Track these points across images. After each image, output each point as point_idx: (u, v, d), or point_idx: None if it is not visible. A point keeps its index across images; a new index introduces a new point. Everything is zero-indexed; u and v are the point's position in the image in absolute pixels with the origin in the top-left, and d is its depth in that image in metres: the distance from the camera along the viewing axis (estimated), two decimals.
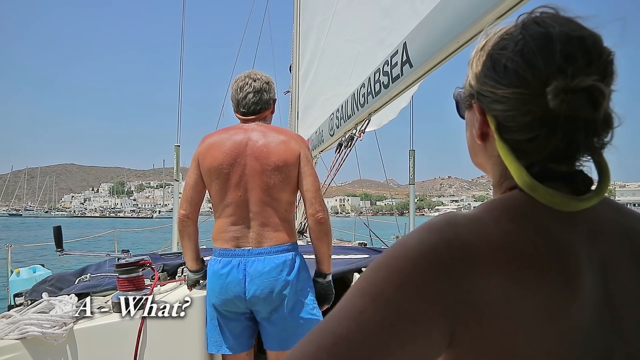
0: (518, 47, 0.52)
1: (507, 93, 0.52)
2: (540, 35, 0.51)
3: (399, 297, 0.46)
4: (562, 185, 0.53)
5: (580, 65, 0.49)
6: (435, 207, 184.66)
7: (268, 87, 1.92)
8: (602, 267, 0.52)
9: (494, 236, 0.49)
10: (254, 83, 1.88)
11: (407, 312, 0.45)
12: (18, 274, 4.11)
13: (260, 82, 1.90)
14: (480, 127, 0.58)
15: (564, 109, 0.48)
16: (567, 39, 0.50)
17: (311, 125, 4.66)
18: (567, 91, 0.48)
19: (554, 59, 0.49)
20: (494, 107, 0.54)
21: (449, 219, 0.51)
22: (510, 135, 0.54)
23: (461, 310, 0.46)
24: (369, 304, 0.46)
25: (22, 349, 1.64)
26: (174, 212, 5.02)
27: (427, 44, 1.89)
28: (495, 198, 0.56)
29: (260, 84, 1.89)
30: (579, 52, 0.49)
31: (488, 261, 0.48)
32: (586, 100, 0.48)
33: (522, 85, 0.51)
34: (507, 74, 0.52)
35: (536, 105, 0.50)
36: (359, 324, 0.45)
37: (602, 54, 0.50)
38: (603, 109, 0.49)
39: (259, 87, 1.89)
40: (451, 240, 0.49)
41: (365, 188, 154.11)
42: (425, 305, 0.46)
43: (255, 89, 1.88)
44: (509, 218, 0.51)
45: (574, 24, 0.52)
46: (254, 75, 1.92)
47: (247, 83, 1.89)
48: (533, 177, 0.51)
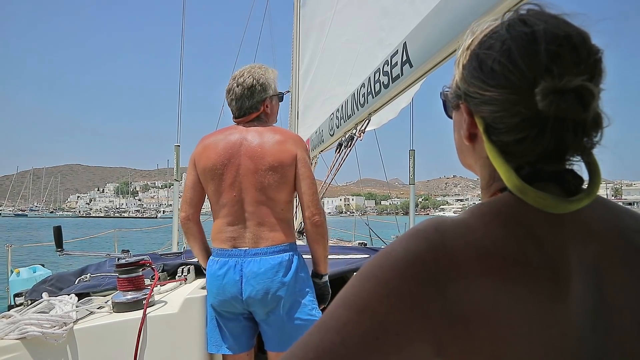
0: (504, 47, 0.51)
1: (495, 94, 0.51)
2: (526, 34, 0.50)
3: (384, 310, 0.45)
4: (552, 185, 0.52)
5: (567, 65, 0.48)
6: (440, 206, 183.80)
7: (251, 92, 1.85)
8: (595, 269, 0.50)
9: (482, 242, 0.48)
10: (236, 89, 1.86)
11: (392, 325, 0.45)
12: (18, 273, 4.11)
13: (242, 88, 1.85)
14: (468, 128, 0.57)
15: (553, 110, 0.47)
16: (554, 38, 0.49)
17: (311, 125, 4.66)
18: (555, 92, 0.47)
19: (540, 59, 0.48)
20: (482, 108, 0.53)
21: (435, 224, 0.50)
22: (499, 137, 0.53)
23: (449, 319, 0.45)
24: (353, 316, 0.45)
25: (22, 349, 1.64)
26: (174, 212, 5.02)
27: (427, 44, 1.89)
28: (484, 202, 0.55)
29: (242, 89, 1.85)
30: (566, 50, 0.48)
31: (476, 268, 0.47)
32: (575, 100, 0.47)
33: (509, 86, 0.50)
34: (494, 75, 0.51)
35: (525, 107, 0.49)
36: (343, 337, 0.44)
37: (590, 53, 0.49)
38: (592, 109, 0.48)
39: (239, 94, 1.86)
40: (438, 248, 0.48)
41: (370, 188, 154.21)
42: (411, 317, 0.45)
43: (237, 95, 1.86)
44: (499, 223, 0.50)
45: (560, 22, 0.51)
46: (240, 78, 1.87)
47: (232, 88, 1.88)
48: (523, 179, 0.50)
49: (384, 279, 0.47)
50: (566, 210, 0.50)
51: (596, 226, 0.53)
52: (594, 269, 0.50)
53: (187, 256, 2.73)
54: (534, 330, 0.46)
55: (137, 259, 1.99)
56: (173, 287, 2.21)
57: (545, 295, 0.47)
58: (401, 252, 0.48)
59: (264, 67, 1.93)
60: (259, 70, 1.89)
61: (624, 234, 0.53)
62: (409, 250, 0.48)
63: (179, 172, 4.96)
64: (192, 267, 2.36)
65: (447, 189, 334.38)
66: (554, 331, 0.46)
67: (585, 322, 0.48)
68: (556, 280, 0.48)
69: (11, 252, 4.85)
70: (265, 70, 1.91)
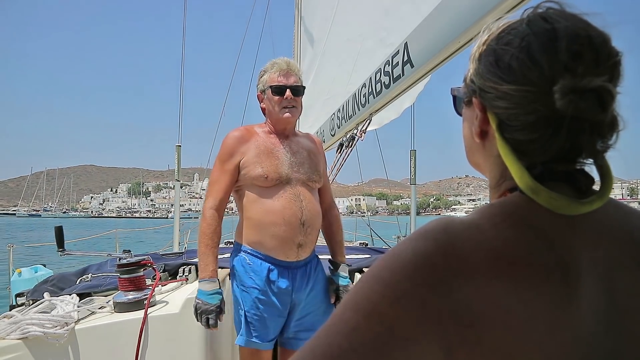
0: (524, 43, 0.49)
1: (511, 90, 0.50)
2: (547, 31, 0.49)
3: (393, 314, 0.44)
4: (563, 185, 0.51)
5: (588, 65, 0.47)
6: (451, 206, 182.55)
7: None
8: (606, 271, 0.50)
9: (492, 244, 0.47)
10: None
11: (402, 330, 0.44)
12: (20, 274, 4.12)
13: None
14: (480, 124, 0.56)
15: (571, 110, 0.46)
16: (575, 37, 0.48)
17: (312, 125, 4.66)
18: (575, 91, 0.46)
19: (561, 57, 0.47)
20: (496, 104, 0.52)
21: (444, 225, 0.49)
22: (512, 135, 0.51)
23: (458, 322, 0.44)
24: (362, 320, 0.45)
25: (24, 349, 1.65)
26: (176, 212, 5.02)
27: (428, 44, 1.89)
28: (494, 202, 0.54)
29: None
30: (587, 50, 0.47)
31: (486, 270, 0.46)
32: (595, 101, 0.46)
33: (527, 83, 0.49)
34: (511, 71, 0.50)
35: (542, 105, 0.48)
36: (351, 342, 0.44)
37: (610, 55, 0.48)
38: (610, 111, 0.48)
39: None
40: (447, 249, 0.46)
41: (382, 188, 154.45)
42: (421, 321, 0.44)
43: None
44: (509, 224, 0.49)
45: (582, 22, 0.50)
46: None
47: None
48: (534, 178, 0.49)
49: (393, 282, 0.46)
50: (578, 212, 0.49)
51: (607, 228, 0.52)
52: (605, 271, 0.50)
53: (189, 256, 2.73)
54: (544, 334, 0.45)
55: (138, 259, 1.99)
56: (174, 287, 2.21)
57: (556, 298, 0.46)
58: (410, 253, 0.47)
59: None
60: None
61: (635, 235, 0.53)
62: (417, 252, 0.47)
63: (180, 173, 4.95)
64: (193, 267, 2.36)
65: (459, 188, 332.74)
66: (565, 334, 0.45)
67: (596, 326, 0.47)
68: (567, 283, 0.47)
69: (12, 252, 4.86)
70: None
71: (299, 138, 1.96)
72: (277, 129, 1.90)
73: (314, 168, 1.90)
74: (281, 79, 1.84)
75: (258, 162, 1.79)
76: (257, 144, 1.83)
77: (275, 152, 1.84)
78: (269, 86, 1.86)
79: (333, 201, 2.10)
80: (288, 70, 1.87)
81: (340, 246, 2.04)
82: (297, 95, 1.87)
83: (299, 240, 1.79)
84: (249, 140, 1.84)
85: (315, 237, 1.89)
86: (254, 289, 1.78)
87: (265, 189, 1.80)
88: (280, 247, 1.78)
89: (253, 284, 1.78)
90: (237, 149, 1.82)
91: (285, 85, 1.84)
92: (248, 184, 1.82)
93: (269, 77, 1.87)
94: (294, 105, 1.86)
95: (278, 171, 1.80)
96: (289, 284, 1.80)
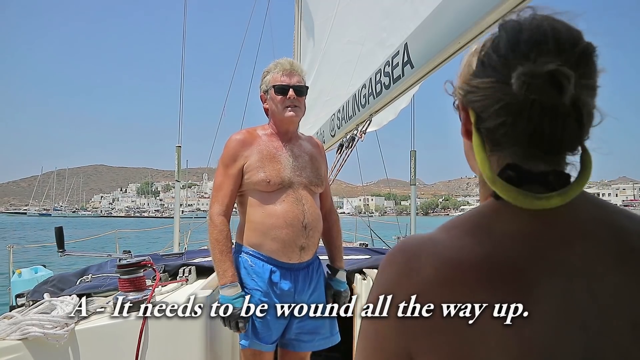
0: (495, 42, 0.54)
1: (479, 83, 0.53)
2: (513, 28, 0.52)
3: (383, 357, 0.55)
4: (538, 186, 0.52)
5: (547, 52, 0.49)
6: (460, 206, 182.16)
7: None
8: (584, 268, 0.50)
9: (444, 253, 0.51)
10: None
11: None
12: (20, 274, 4.13)
13: None
14: (464, 124, 0.59)
15: (524, 91, 0.48)
16: (536, 28, 0.51)
17: (312, 125, 4.66)
18: (528, 74, 0.48)
19: (522, 47, 0.50)
20: (470, 99, 0.55)
21: (402, 246, 0.56)
22: (484, 125, 0.54)
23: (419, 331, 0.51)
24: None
25: (24, 350, 1.65)
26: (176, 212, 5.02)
27: (428, 45, 1.89)
28: (464, 212, 0.57)
29: None
30: (547, 40, 0.49)
31: (438, 279, 0.50)
32: (548, 84, 0.48)
33: (493, 74, 0.52)
34: (483, 68, 0.54)
35: (504, 92, 0.50)
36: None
37: (576, 45, 0.50)
38: (571, 96, 0.48)
39: None
40: (403, 271, 0.53)
41: (390, 188, 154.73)
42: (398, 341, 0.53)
43: None
44: (464, 233, 0.53)
45: (550, 18, 0.52)
46: None
47: None
48: (507, 179, 0.52)
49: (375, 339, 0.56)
50: (534, 207, 0.50)
51: (589, 226, 0.53)
52: (583, 268, 0.50)
53: (189, 257, 2.73)
54: (503, 333, 0.47)
55: (139, 259, 1.99)
56: (174, 287, 2.21)
57: (514, 299, 0.48)
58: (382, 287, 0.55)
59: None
60: None
61: (619, 234, 0.53)
62: (382, 285, 0.55)
63: (180, 173, 4.95)
64: (193, 267, 2.36)
65: (468, 189, 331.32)
66: (525, 332, 0.47)
67: (564, 321, 0.48)
68: (527, 283, 0.49)
69: (12, 253, 4.85)
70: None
71: (301, 141, 1.95)
72: (280, 129, 1.88)
73: (315, 172, 1.90)
74: (284, 79, 1.83)
75: (260, 167, 1.78)
76: (260, 148, 1.82)
77: (278, 156, 1.82)
78: (272, 86, 1.85)
79: (333, 205, 2.09)
80: (291, 70, 1.85)
81: (339, 251, 2.04)
82: (300, 95, 1.85)
83: (301, 242, 1.79)
84: (251, 144, 1.82)
85: (318, 239, 1.89)
86: (256, 291, 1.78)
87: (268, 193, 1.79)
88: (283, 250, 1.78)
89: (255, 286, 1.78)
90: (241, 153, 1.80)
91: (288, 84, 1.83)
92: (250, 189, 1.81)
93: (272, 77, 1.87)
94: (297, 105, 1.85)
95: (280, 176, 1.79)
96: (291, 286, 1.80)
